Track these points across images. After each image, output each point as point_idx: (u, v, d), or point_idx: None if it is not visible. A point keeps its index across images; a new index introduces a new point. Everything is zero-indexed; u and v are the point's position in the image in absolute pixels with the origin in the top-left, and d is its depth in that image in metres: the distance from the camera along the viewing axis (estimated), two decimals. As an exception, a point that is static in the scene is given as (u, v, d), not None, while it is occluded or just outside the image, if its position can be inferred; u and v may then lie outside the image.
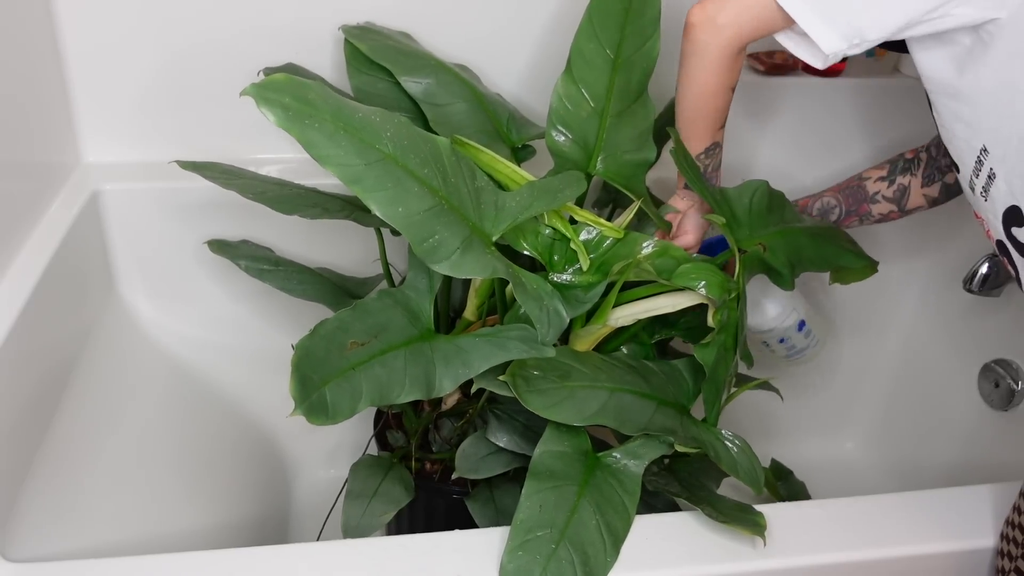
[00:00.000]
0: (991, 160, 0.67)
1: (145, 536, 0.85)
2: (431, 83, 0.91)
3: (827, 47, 0.67)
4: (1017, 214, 0.66)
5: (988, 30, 0.64)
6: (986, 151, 0.67)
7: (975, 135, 0.68)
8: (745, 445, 0.76)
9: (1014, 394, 1.08)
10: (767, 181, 0.87)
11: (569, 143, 0.84)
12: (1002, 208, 0.68)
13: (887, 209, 0.93)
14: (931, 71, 0.70)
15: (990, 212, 0.70)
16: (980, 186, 0.69)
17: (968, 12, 0.64)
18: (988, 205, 0.69)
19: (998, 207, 0.68)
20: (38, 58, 0.96)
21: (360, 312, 0.69)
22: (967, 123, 0.68)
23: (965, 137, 0.69)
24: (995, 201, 0.68)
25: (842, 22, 0.66)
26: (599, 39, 0.83)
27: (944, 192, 0.91)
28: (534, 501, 0.68)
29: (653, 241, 0.76)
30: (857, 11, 0.66)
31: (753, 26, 0.71)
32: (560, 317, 0.71)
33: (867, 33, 0.67)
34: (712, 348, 0.76)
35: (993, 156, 0.66)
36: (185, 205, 1.05)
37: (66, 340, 0.93)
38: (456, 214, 0.65)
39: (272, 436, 1.19)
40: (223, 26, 1.01)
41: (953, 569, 0.74)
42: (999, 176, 0.66)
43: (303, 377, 0.61)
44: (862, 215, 0.94)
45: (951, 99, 0.69)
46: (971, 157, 0.69)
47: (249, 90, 0.57)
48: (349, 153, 0.59)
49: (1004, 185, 0.66)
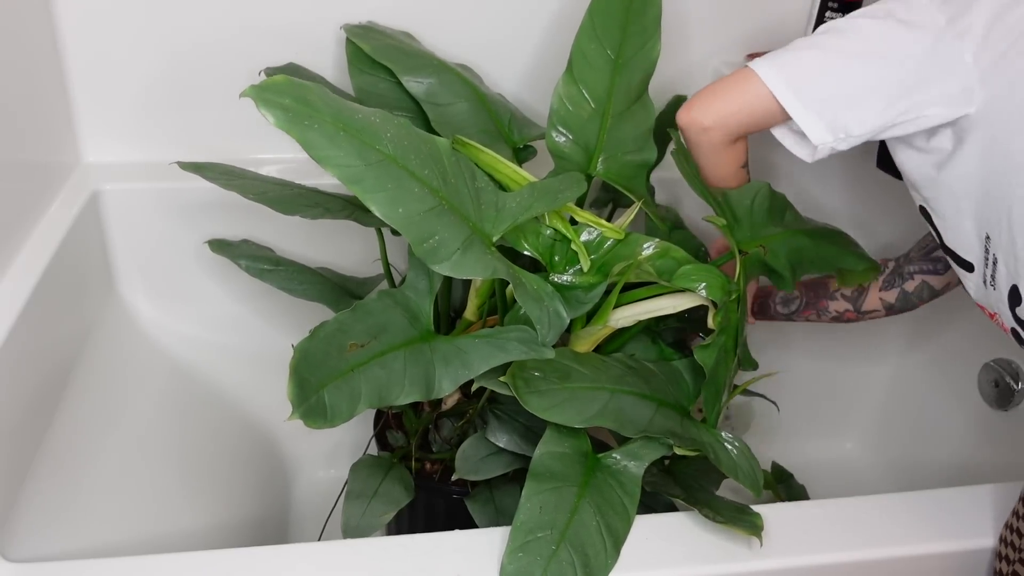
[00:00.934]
0: (993, 247, 0.69)
1: (145, 536, 0.85)
2: (433, 83, 0.91)
3: (815, 138, 0.70)
4: (1017, 293, 0.68)
5: (962, 126, 0.67)
6: (989, 238, 0.69)
7: (979, 225, 0.70)
8: (745, 447, 0.76)
9: (1014, 394, 1.08)
10: (769, 183, 0.87)
11: (570, 144, 0.84)
12: (1006, 291, 0.69)
13: (843, 308, 0.96)
14: (916, 176, 0.73)
15: (999, 301, 0.71)
16: (989, 276, 0.71)
17: (939, 112, 0.67)
18: (996, 294, 0.71)
19: (1003, 292, 0.70)
20: (38, 58, 0.96)
21: (360, 313, 0.69)
22: (969, 216, 0.70)
23: (972, 231, 0.70)
24: (1000, 287, 0.70)
25: (828, 116, 0.69)
26: (600, 39, 0.83)
27: (901, 299, 0.93)
28: (534, 503, 0.68)
29: (654, 242, 0.76)
30: (842, 108, 0.69)
31: (740, 123, 0.74)
32: (560, 318, 0.71)
33: (851, 129, 0.70)
34: (712, 350, 0.76)
35: (994, 242, 0.68)
36: (185, 205, 1.05)
37: (66, 340, 0.93)
38: (456, 215, 0.65)
39: (272, 436, 1.19)
40: (224, 26, 1.01)
41: (953, 569, 0.74)
42: (1000, 260, 0.68)
43: (301, 380, 0.61)
44: (820, 310, 0.97)
45: (947, 198, 0.71)
46: (980, 249, 0.71)
47: (249, 91, 0.57)
48: (349, 154, 0.59)
49: (1004, 268, 0.68)
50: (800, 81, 0.70)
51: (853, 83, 0.68)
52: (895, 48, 0.67)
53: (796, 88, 0.69)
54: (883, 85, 0.67)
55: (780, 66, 0.71)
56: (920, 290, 0.93)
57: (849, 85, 0.68)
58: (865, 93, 0.68)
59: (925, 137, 0.70)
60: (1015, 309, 0.69)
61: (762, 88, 0.71)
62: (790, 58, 0.71)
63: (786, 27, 1.14)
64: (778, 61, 0.72)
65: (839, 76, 0.69)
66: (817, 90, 0.69)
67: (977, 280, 0.74)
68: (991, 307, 0.74)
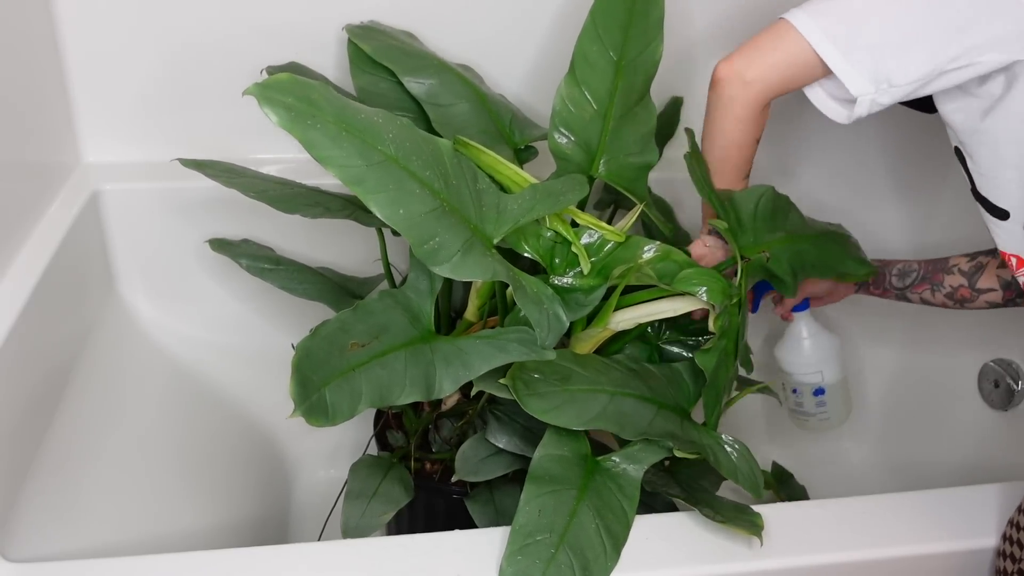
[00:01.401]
0: None
1: (145, 536, 0.85)
2: (434, 83, 0.91)
3: (855, 89, 0.66)
4: None
5: (1015, 71, 0.63)
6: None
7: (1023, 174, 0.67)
8: (745, 450, 0.76)
9: (1014, 394, 1.08)
10: (773, 186, 0.87)
11: (572, 145, 0.84)
12: None
13: (958, 282, 0.91)
14: (959, 121, 0.69)
15: None
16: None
17: (995, 58, 0.63)
18: None
19: None
20: (38, 58, 0.96)
21: (361, 313, 0.69)
22: (1012, 165, 0.67)
23: (1015, 179, 0.67)
24: None
25: (870, 65, 0.65)
26: (602, 41, 0.83)
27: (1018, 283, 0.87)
28: (533, 505, 0.68)
29: (655, 245, 0.76)
30: (885, 56, 0.65)
31: (781, 78, 0.70)
32: (560, 321, 0.71)
33: (895, 78, 0.65)
34: (713, 354, 0.76)
35: None
36: (185, 205, 1.05)
37: (66, 340, 0.93)
38: (457, 216, 0.65)
39: (272, 436, 1.19)
40: (225, 25, 1.01)
41: (953, 569, 0.74)
42: None
43: (303, 378, 0.61)
44: (934, 283, 0.92)
45: (986, 145, 0.68)
46: (1022, 197, 0.68)
47: (252, 90, 0.57)
48: (351, 154, 0.59)
49: None
50: (838, 28, 0.65)
51: (896, 27, 0.64)
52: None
53: (834, 36, 0.65)
54: (929, 28, 0.63)
55: (816, 13, 0.67)
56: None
57: (892, 30, 0.64)
58: (910, 38, 0.63)
59: (977, 82, 0.65)
60: None
61: (799, 39, 0.67)
62: (825, 4, 0.67)
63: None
64: (813, 8, 0.67)
65: (880, 20, 0.64)
66: (857, 37, 0.65)
67: (1013, 229, 0.70)
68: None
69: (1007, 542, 0.71)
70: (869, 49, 0.65)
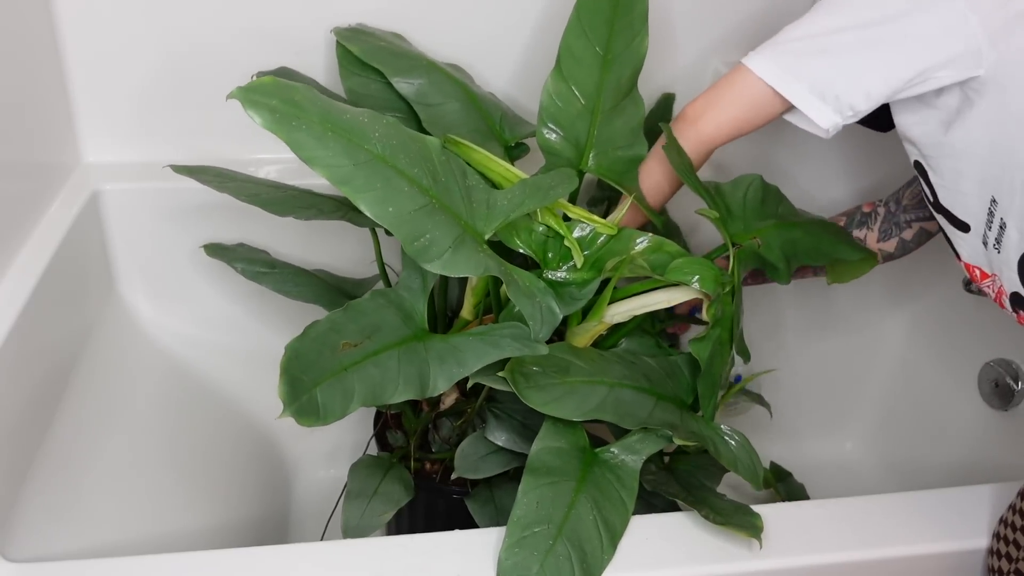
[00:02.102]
0: (1000, 210, 0.67)
1: (145, 536, 0.86)
2: (423, 83, 0.91)
3: (822, 122, 0.69)
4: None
5: (973, 87, 0.65)
6: (995, 202, 0.68)
7: (983, 188, 0.68)
8: (744, 440, 0.76)
9: (1014, 394, 1.08)
10: (761, 175, 0.86)
11: (560, 140, 0.84)
12: (1016, 256, 0.69)
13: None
14: (919, 136, 0.71)
15: (1004, 264, 0.70)
16: (993, 239, 0.70)
17: (949, 75, 0.65)
18: (1002, 257, 0.70)
19: (1012, 256, 0.69)
20: (38, 58, 0.96)
21: (352, 313, 0.70)
22: (973, 179, 0.68)
23: (974, 192, 0.69)
24: (1008, 251, 0.69)
25: (831, 98, 0.68)
26: (588, 36, 0.83)
27: (900, 247, 0.92)
28: (531, 497, 0.68)
29: (647, 237, 0.76)
30: (844, 87, 0.67)
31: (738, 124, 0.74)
32: (553, 314, 0.71)
33: (857, 105, 0.68)
34: (707, 343, 0.76)
35: (1002, 206, 0.67)
36: (185, 205, 1.05)
37: (66, 340, 0.93)
38: (447, 213, 0.65)
39: (272, 436, 1.19)
40: (220, 29, 1.02)
41: (953, 569, 0.74)
42: (1010, 225, 0.67)
43: (293, 379, 0.61)
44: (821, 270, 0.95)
45: (948, 159, 0.69)
46: (982, 211, 0.69)
47: (235, 93, 0.57)
48: (337, 154, 0.59)
49: (1016, 233, 0.67)
50: (796, 67, 0.68)
51: (851, 59, 0.66)
52: (890, 14, 0.65)
53: (795, 75, 0.68)
54: (883, 56, 0.65)
55: (774, 55, 0.70)
56: (919, 236, 0.92)
57: (847, 62, 0.66)
58: (865, 67, 0.66)
59: (934, 94, 0.68)
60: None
61: (759, 83, 0.70)
62: (783, 47, 0.70)
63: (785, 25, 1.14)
64: (770, 50, 0.70)
65: (836, 54, 0.67)
66: (815, 73, 0.67)
67: (974, 241, 0.72)
68: (990, 269, 0.72)
69: (1000, 541, 0.70)
70: (828, 83, 0.68)
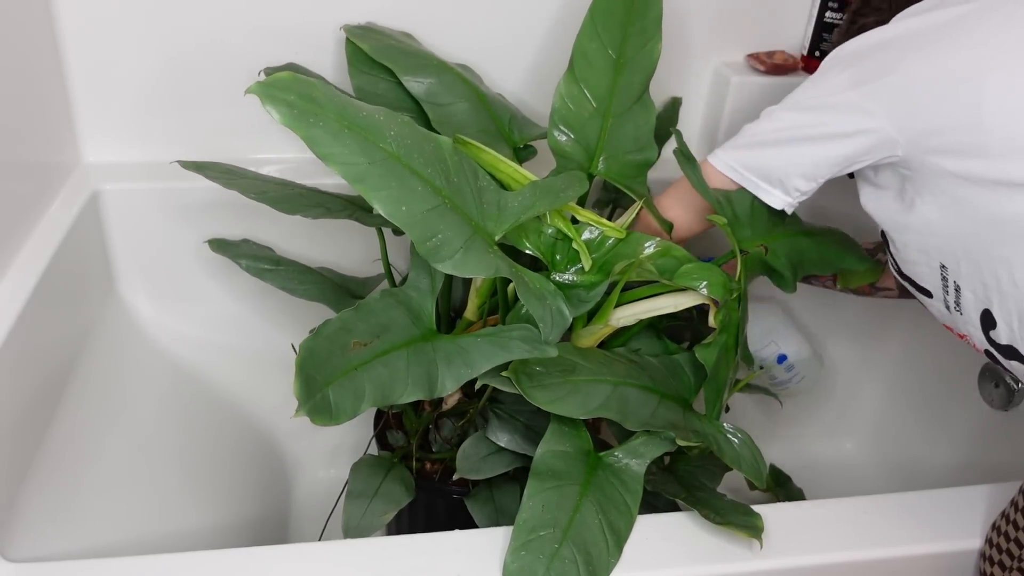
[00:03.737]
0: (952, 275, 0.73)
1: (145, 536, 0.85)
2: (433, 83, 0.91)
3: (777, 204, 0.80)
4: (989, 316, 0.71)
5: (900, 171, 0.73)
6: (944, 267, 0.73)
7: (931, 257, 0.74)
8: (747, 438, 0.76)
9: (1014, 394, 1.09)
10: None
11: (571, 143, 0.84)
12: (976, 315, 0.73)
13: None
14: (872, 210, 0.79)
15: (969, 324, 0.74)
16: (952, 302, 0.75)
17: (870, 158, 0.73)
18: (965, 318, 0.74)
19: (973, 316, 0.73)
20: (38, 58, 0.96)
21: (363, 312, 0.69)
22: (922, 250, 0.75)
23: (925, 261, 0.75)
24: (968, 311, 0.73)
25: (778, 184, 0.80)
26: (601, 39, 0.83)
27: None
28: (536, 501, 0.68)
29: (655, 241, 0.77)
30: (787, 176, 0.79)
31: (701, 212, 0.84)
32: (563, 316, 0.71)
33: (801, 187, 0.79)
34: (714, 348, 0.76)
35: (951, 271, 0.73)
36: (185, 205, 1.05)
37: (66, 340, 0.92)
38: (459, 213, 0.65)
39: (272, 436, 1.19)
40: (224, 26, 1.01)
41: (952, 569, 0.74)
42: (964, 287, 0.72)
43: (307, 377, 0.61)
44: (836, 279, 1.00)
45: (904, 233, 0.76)
46: (936, 278, 0.75)
47: (254, 88, 0.57)
48: (353, 152, 0.59)
49: (970, 294, 0.72)
50: (746, 161, 0.80)
51: (788, 151, 0.78)
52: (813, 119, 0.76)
53: (746, 166, 0.80)
54: (811, 149, 0.77)
55: (730, 150, 0.82)
56: None
57: (786, 155, 0.78)
58: (799, 163, 0.78)
59: (872, 172, 0.77)
60: (989, 332, 0.72)
61: (719, 175, 0.81)
62: (735, 145, 0.82)
63: (786, 27, 1.15)
64: (726, 150, 0.82)
65: (777, 148, 0.79)
66: (761, 163, 0.80)
67: (939, 306, 0.77)
68: (959, 329, 0.77)
69: (993, 548, 0.70)
70: (774, 172, 0.79)
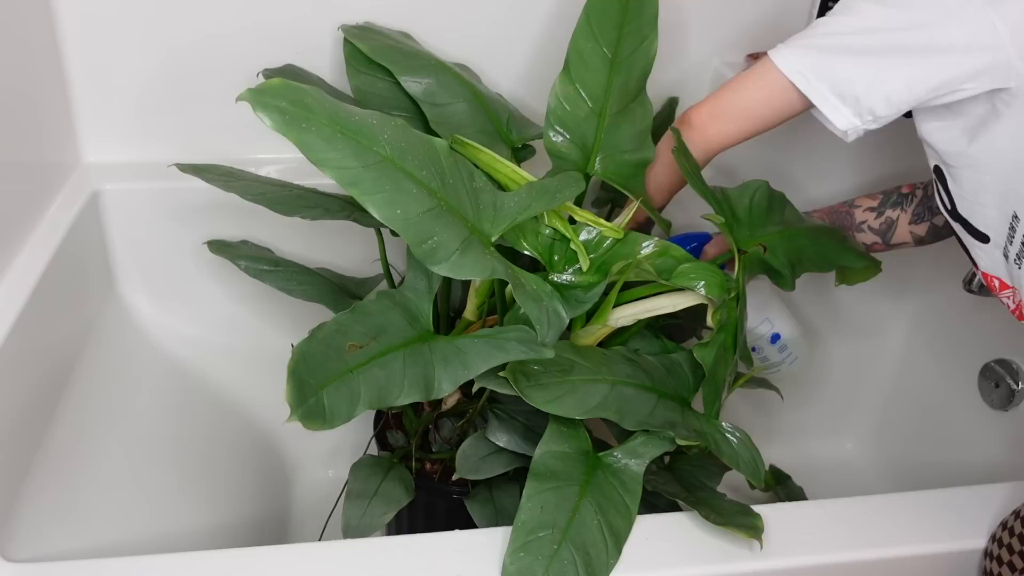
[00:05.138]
0: (1023, 226, 0.66)
1: (145, 536, 0.86)
2: (431, 83, 0.91)
3: (841, 124, 0.68)
4: None
5: (1002, 98, 0.64)
6: (1017, 218, 0.66)
7: (1005, 202, 0.66)
8: (746, 437, 0.76)
9: (1014, 394, 1.08)
10: (767, 181, 0.87)
11: (567, 143, 0.84)
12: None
13: (871, 240, 0.92)
14: (941, 142, 0.69)
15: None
16: (1015, 253, 0.68)
17: (976, 86, 0.63)
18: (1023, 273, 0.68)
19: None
20: (38, 58, 0.96)
21: (359, 314, 0.69)
22: (994, 192, 0.67)
23: (995, 205, 0.68)
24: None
25: (851, 101, 0.66)
26: (597, 38, 0.83)
27: (932, 233, 0.90)
28: (535, 502, 0.68)
29: (653, 241, 0.76)
30: (865, 91, 0.66)
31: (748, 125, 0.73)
32: (560, 318, 0.71)
33: (878, 111, 0.67)
34: (712, 348, 0.76)
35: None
36: (185, 205, 1.05)
37: (66, 340, 0.93)
38: (455, 215, 0.65)
39: (272, 436, 1.19)
40: (223, 26, 1.01)
41: (953, 569, 0.74)
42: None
43: (299, 382, 0.61)
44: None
45: (970, 169, 0.67)
46: (1003, 226, 0.68)
47: (245, 95, 0.57)
48: (346, 156, 0.59)
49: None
50: (819, 66, 0.66)
51: (876, 63, 0.64)
52: (919, 21, 0.62)
53: (816, 72, 0.66)
54: (908, 63, 0.63)
55: (798, 51, 0.68)
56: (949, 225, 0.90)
57: (871, 65, 0.64)
58: (889, 73, 0.64)
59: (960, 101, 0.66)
60: None
61: (782, 80, 0.68)
62: (808, 40, 0.68)
63: (786, 27, 1.14)
64: (794, 48, 0.68)
65: (860, 56, 0.65)
66: (837, 72, 0.66)
67: (994, 253, 0.70)
68: (1010, 281, 0.70)
69: (1004, 548, 0.70)
70: (849, 85, 0.66)
